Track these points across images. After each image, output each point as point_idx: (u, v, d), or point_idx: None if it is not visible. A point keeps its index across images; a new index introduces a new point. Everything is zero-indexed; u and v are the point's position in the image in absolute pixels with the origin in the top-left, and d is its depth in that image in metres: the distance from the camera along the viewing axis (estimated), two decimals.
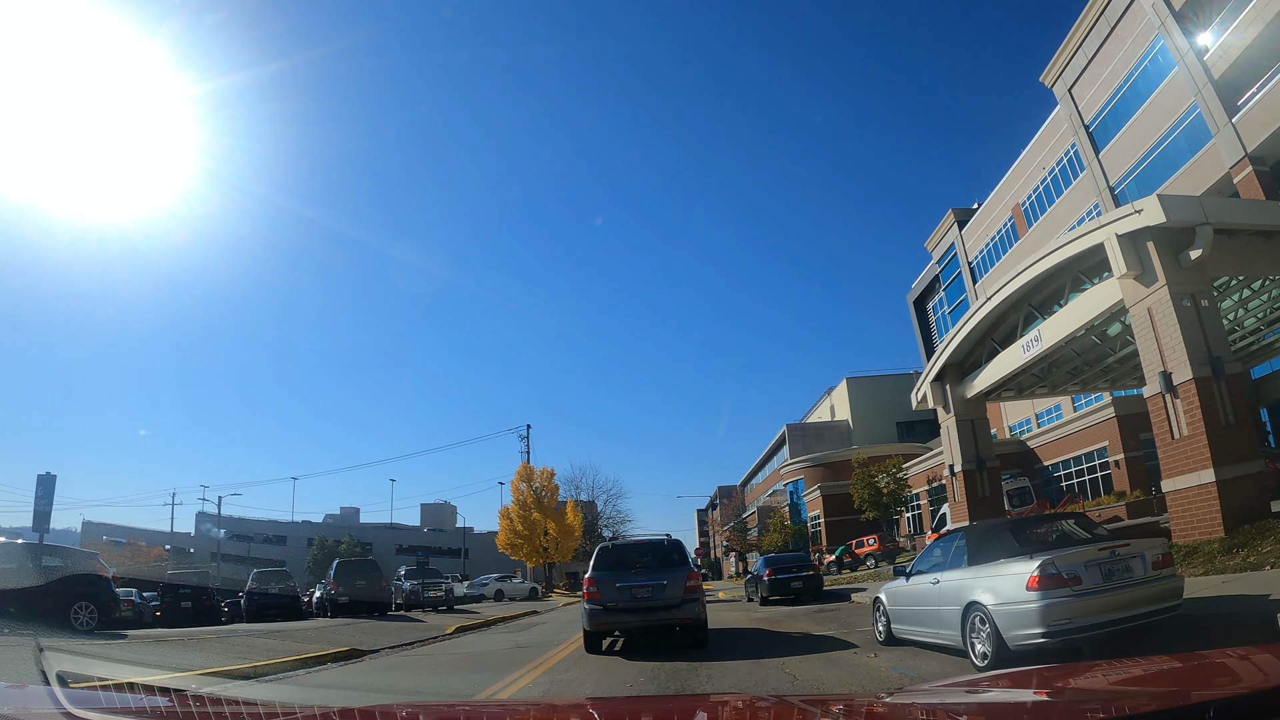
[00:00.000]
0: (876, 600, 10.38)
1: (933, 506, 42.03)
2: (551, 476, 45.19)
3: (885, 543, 34.81)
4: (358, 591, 22.48)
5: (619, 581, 10.66)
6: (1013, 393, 23.99)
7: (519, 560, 45.70)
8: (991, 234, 49.61)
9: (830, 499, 48.59)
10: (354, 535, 68.64)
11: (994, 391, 22.72)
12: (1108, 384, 25.43)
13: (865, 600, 18.11)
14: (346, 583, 22.65)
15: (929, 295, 64.30)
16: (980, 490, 21.61)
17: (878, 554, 34.28)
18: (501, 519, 44.43)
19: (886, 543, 34.90)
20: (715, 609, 22.43)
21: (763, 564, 21.75)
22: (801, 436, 61.76)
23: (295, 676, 9.94)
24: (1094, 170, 38.05)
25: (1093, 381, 24.97)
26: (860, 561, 34.61)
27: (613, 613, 10.56)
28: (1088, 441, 35.02)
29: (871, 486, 39.81)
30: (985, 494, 21.64)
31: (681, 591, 10.60)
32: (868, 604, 16.06)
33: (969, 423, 22.30)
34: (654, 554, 11.46)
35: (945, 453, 22.85)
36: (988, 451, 22.40)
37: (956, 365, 22.89)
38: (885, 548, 34.47)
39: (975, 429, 22.31)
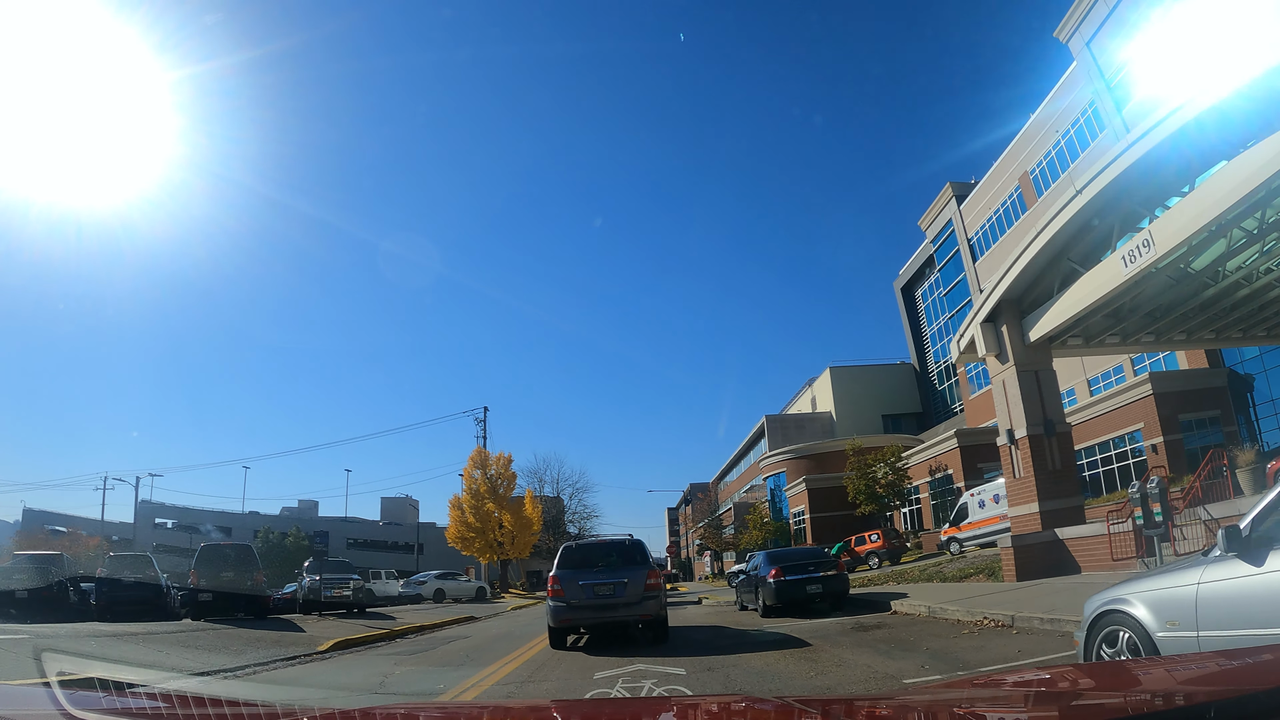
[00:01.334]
0: (1112, 616, 4.48)
1: (934, 500, 36.66)
2: (509, 463, 39.00)
3: (890, 539, 29.26)
4: (224, 585, 16.27)
5: (582, 579, 10.69)
6: (1079, 341, 18.57)
7: (471, 556, 39.28)
8: (995, 207, 44.75)
9: (817, 493, 43.02)
10: (302, 527, 61.55)
11: (1063, 335, 17.32)
12: (1183, 337, 20.19)
13: (916, 610, 12.42)
14: (210, 574, 16.41)
15: (918, 281, 59.45)
16: (1051, 461, 16.05)
17: (881, 552, 28.71)
18: (452, 509, 38.10)
19: (891, 539, 29.37)
20: (698, 618, 16.63)
21: (765, 560, 15.71)
22: (781, 429, 56.28)
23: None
24: (1117, 127, 33.26)
25: (1167, 333, 19.72)
26: (861, 560, 29.00)
27: (575, 609, 10.58)
28: (1120, 424, 29.87)
29: (868, 478, 34.30)
30: (1057, 465, 16.09)
31: (642, 590, 10.60)
32: (923, 616, 12.05)
33: (1032, 375, 16.79)
34: (617, 553, 11.48)
35: (1001, 415, 17.31)
36: (1058, 412, 16.90)
37: (1014, 302, 17.42)
38: (890, 545, 28.91)
39: (1041, 383, 16.79)
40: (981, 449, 34.65)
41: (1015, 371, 16.64)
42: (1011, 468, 16.64)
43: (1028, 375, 16.67)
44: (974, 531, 25.65)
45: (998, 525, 24.56)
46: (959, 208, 48.05)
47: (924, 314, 59.35)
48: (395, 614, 21.64)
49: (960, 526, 26.42)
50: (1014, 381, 16.63)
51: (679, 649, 10.05)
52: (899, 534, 30.99)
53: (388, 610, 23.23)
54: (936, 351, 57.43)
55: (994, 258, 44.71)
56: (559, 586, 10.65)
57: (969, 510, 26.22)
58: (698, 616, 17.10)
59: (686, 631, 12.76)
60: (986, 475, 34.43)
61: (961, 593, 13.57)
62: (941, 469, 35.22)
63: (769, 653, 9.10)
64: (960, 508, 26.93)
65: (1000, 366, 17.20)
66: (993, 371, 17.57)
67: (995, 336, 17.15)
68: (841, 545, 29.47)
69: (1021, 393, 16.43)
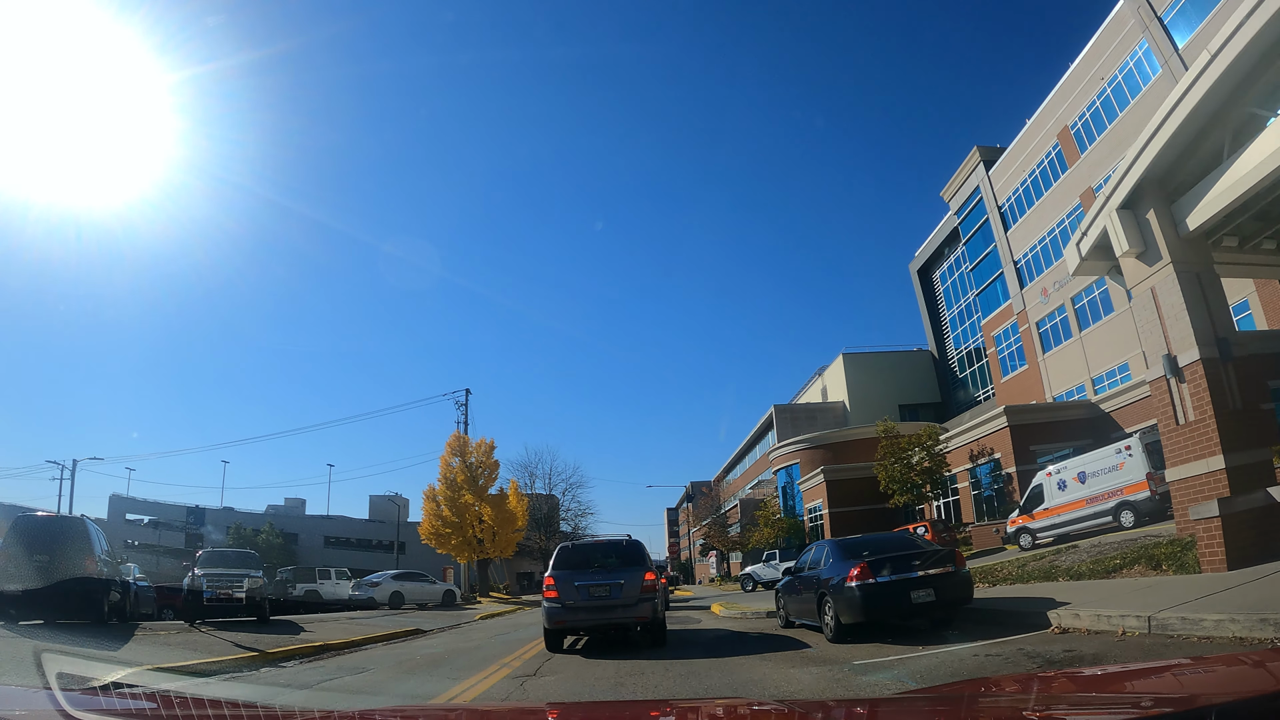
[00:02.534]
0: None
1: (976, 490, 31.22)
2: (491, 450, 33.54)
3: (940, 533, 23.84)
4: (35, 575, 10.92)
5: (578, 580, 10.24)
6: (1234, 243, 13.28)
7: (447, 555, 33.75)
8: (1030, 168, 39.57)
9: (836, 486, 37.58)
10: (278, 524, 56.17)
11: (1222, 229, 12.09)
12: None
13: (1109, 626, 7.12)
14: (17, 559, 11.06)
15: (936, 262, 54.19)
16: (1230, 398, 10.69)
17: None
18: (426, 502, 32.63)
19: (941, 533, 23.94)
20: (727, 646, 10.95)
21: (835, 553, 10.14)
22: (791, 419, 50.90)
23: None
24: (1173, 68, 28.52)
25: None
26: None
27: (571, 611, 10.11)
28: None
29: (903, 463, 28.90)
30: (1238, 405, 10.72)
31: (638, 591, 10.08)
32: (1136, 635, 6.99)
33: (1194, 276, 11.44)
34: (614, 554, 10.98)
35: (1150, 338, 11.97)
36: (1230, 329, 11.54)
37: (1159, 181, 12.07)
38: (941, 539, 23.50)
39: (1205, 289, 11.46)
40: (1036, 429, 29.30)
41: (1173, 272, 11.29)
42: (1174, 410, 11.22)
43: (1189, 277, 11.33)
44: (1051, 520, 20.27)
45: (1083, 512, 19.20)
46: (987, 173, 42.93)
47: (942, 298, 54.05)
48: (316, 623, 16.23)
49: (1033, 514, 21.00)
50: (1171, 287, 11.29)
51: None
52: (949, 527, 25.47)
53: (316, 619, 17.87)
54: (957, 337, 52.10)
55: (1031, 224, 39.55)
56: (555, 587, 10.24)
57: (1045, 494, 20.83)
58: (727, 643, 10.67)
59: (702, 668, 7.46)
60: (1040, 459, 29.11)
61: (1159, 593, 8.21)
62: (986, 453, 29.82)
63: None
64: (1033, 491, 21.50)
65: (1146, 270, 11.86)
66: (1133, 280, 12.22)
67: (1137, 228, 11.82)
68: None
69: (1185, 301, 11.08)
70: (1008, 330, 41.42)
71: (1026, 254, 39.80)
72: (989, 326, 43.13)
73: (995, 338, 42.58)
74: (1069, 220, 37.02)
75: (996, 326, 42.39)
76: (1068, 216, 37.00)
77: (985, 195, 42.96)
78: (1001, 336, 42.05)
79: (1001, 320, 41.82)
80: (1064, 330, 37.19)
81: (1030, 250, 39.51)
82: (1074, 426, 29.80)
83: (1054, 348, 37.80)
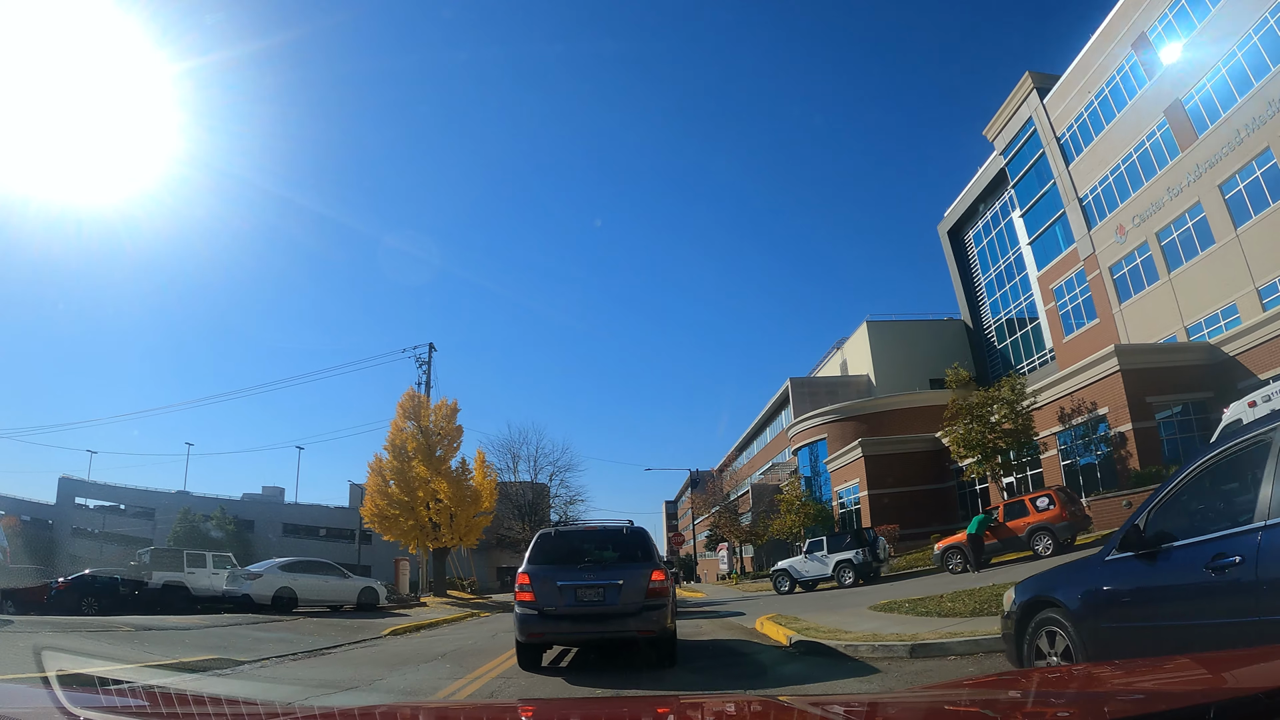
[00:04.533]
0: None
1: (1068, 459, 23.78)
2: (454, 414, 25.99)
3: (1068, 507, 16.29)
4: None
5: (561, 579, 7.52)
6: None
7: (399, 543, 26.00)
8: (1097, 87, 32.50)
9: (877, 462, 30.25)
10: (228, 510, 48.48)
11: None
12: None
13: None
14: None
15: (969, 221, 47.09)
16: None
17: (1058, 526, 15.79)
18: (371, 476, 25.04)
19: (1070, 507, 16.40)
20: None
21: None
22: (810, 394, 43.57)
23: None
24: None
25: None
26: (1014, 543, 16.14)
27: (551, 620, 7.44)
28: None
29: (982, 424, 21.53)
30: None
31: (643, 595, 7.45)
32: None
33: None
34: (610, 545, 8.26)
35: None
36: None
37: None
38: (1070, 515, 16.00)
39: None
40: (1153, 376, 22.02)
41: None
42: None
43: None
44: None
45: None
46: (1042, 101, 35.84)
47: (976, 261, 46.97)
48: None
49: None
50: None
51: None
52: (1073, 499, 17.75)
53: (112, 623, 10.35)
54: (994, 303, 44.99)
55: (1100, 153, 32.37)
56: (530, 587, 7.55)
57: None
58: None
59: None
60: (1159, 414, 21.85)
61: None
62: (1086, 408, 22.44)
63: None
64: (1229, 432, 13.93)
65: None
66: None
67: None
68: (982, 520, 16.72)
69: None
70: (1071, 281, 34.24)
71: (1095, 188, 32.73)
72: (1046, 279, 35.88)
73: (1055, 291, 35.36)
74: (1150, 142, 29.96)
75: (1056, 278, 35.18)
76: (1148, 139, 29.97)
77: (1040, 127, 35.94)
78: (1063, 289, 34.84)
79: (1063, 270, 34.64)
80: (1147, 272, 30.06)
81: (1100, 183, 32.43)
82: (1195, 374, 22.49)
83: (1133, 295, 30.65)
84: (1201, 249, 27.45)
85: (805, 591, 20.96)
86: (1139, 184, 30.58)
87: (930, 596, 11.39)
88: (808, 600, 17.02)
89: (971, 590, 10.80)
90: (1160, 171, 29.41)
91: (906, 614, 10.11)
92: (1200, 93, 27.83)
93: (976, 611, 9.09)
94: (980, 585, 11.79)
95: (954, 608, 9.64)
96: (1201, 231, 27.50)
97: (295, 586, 16.81)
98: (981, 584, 12.48)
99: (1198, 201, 27.47)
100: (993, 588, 10.50)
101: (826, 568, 20.27)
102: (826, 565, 20.25)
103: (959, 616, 9.09)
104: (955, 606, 9.67)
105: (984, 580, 13.75)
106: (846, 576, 19.76)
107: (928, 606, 10.15)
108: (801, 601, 16.85)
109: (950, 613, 9.41)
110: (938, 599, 10.76)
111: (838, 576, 20.04)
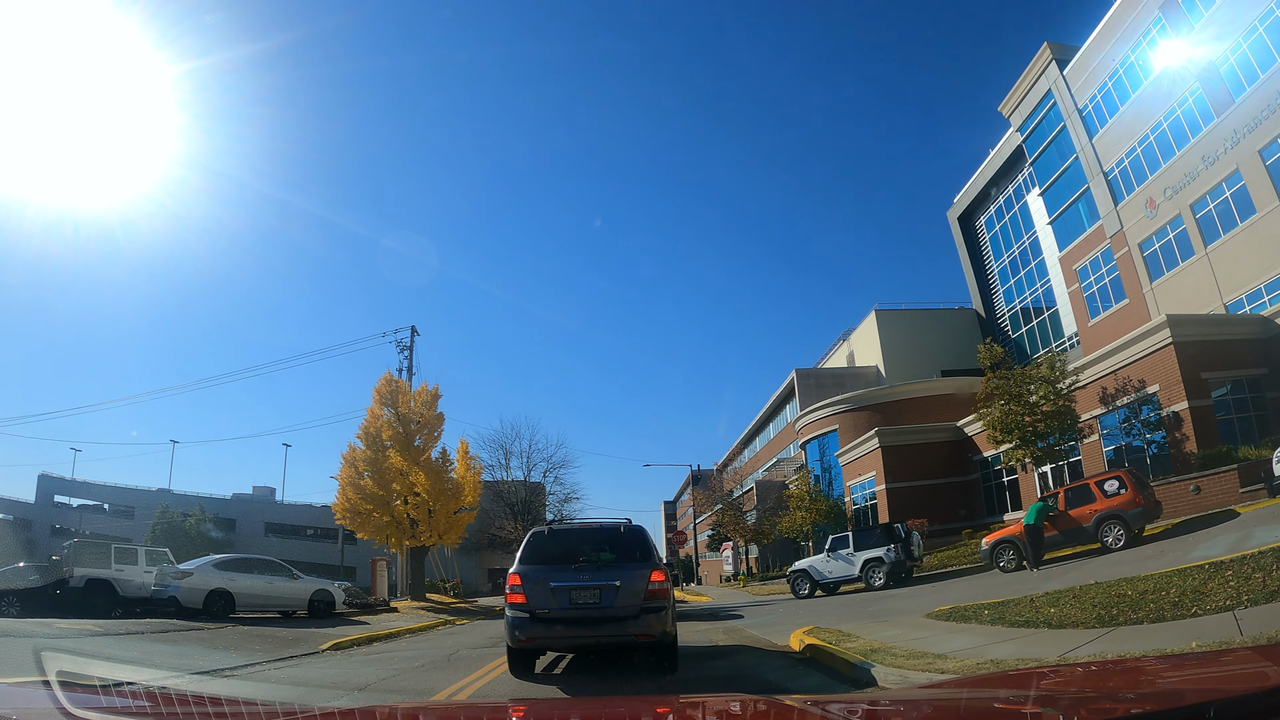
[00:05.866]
0: None
1: (1111, 444, 21.23)
2: (435, 400, 23.41)
3: (1141, 490, 13.69)
4: None
5: (554, 580, 7.07)
6: None
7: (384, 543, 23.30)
8: (1122, 55, 30.12)
9: (896, 454, 27.68)
10: (206, 508, 45.77)
11: None
12: None
13: None
14: None
15: (981, 206, 44.67)
16: None
17: (1130, 513, 13.21)
18: (344, 468, 22.36)
19: (1143, 490, 13.79)
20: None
21: None
22: (816, 386, 41.03)
23: None
24: None
25: None
26: (1089, 533, 13.54)
27: (543, 623, 6.97)
28: None
29: (1022, 405, 19.02)
30: None
31: (641, 598, 7.00)
32: None
33: None
34: (607, 544, 7.60)
35: None
36: None
37: None
38: (1144, 500, 13.40)
39: None
40: (1208, 350, 19.56)
41: None
42: None
43: None
44: None
45: None
46: (1062, 73, 33.43)
47: (989, 247, 44.53)
48: None
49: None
50: None
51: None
52: (1146, 481, 15.10)
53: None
54: (1008, 291, 42.57)
55: (1126, 123, 29.98)
56: (521, 589, 7.09)
57: None
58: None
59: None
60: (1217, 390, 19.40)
61: None
62: (1133, 387, 19.93)
63: None
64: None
65: None
66: None
67: None
68: (1041, 507, 14.14)
69: None
70: (1097, 260, 31.79)
71: (1122, 161, 30.35)
72: (1069, 259, 33.41)
73: (1079, 272, 32.89)
74: (1181, 109, 27.58)
75: (1080, 258, 32.73)
76: (1179, 106, 27.60)
77: (1060, 99, 33.57)
78: (1088, 269, 32.38)
79: (1088, 249, 32.21)
80: (1181, 248, 27.70)
81: (1128, 155, 30.05)
82: (1248, 349, 20.11)
83: (1166, 273, 28.28)
84: (1241, 220, 25.14)
85: (827, 595, 18.38)
86: (1170, 154, 28.23)
87: (1009, 601, 8.84)
88: (838, 606, 14.35)
89: (1065, 591, 8.27)
90: (1193, 140, 27.06)
91: (992, 624, 7.57)
92: (1236, 54, 25.49)
93: (1105, 620, 6.52)
94: (1058, 586, 9.25)
95: (1065, 615, 7.09)
96: (1241, 201, 25.18)
97: (233, 588, 14.20)
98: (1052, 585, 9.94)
99: (1236, 169, 25.15)
100: (1099, 586, 7.93)
101: (853, 567, 17.70)
102: (853, 565, 17.67)
103: (1082, 627, 6.53)
104: (1066, 614, 7.12)
105: (1051, 580, 11.19)
106: (876, 577, 17.23)
107: (1020, 614, 7.61)
108: (831, 608, 14.20)
109: (1063, 622, 6.86)
110: (1028, 603, 8.20)
111: (866, 577, 17.55)
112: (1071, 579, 11.04)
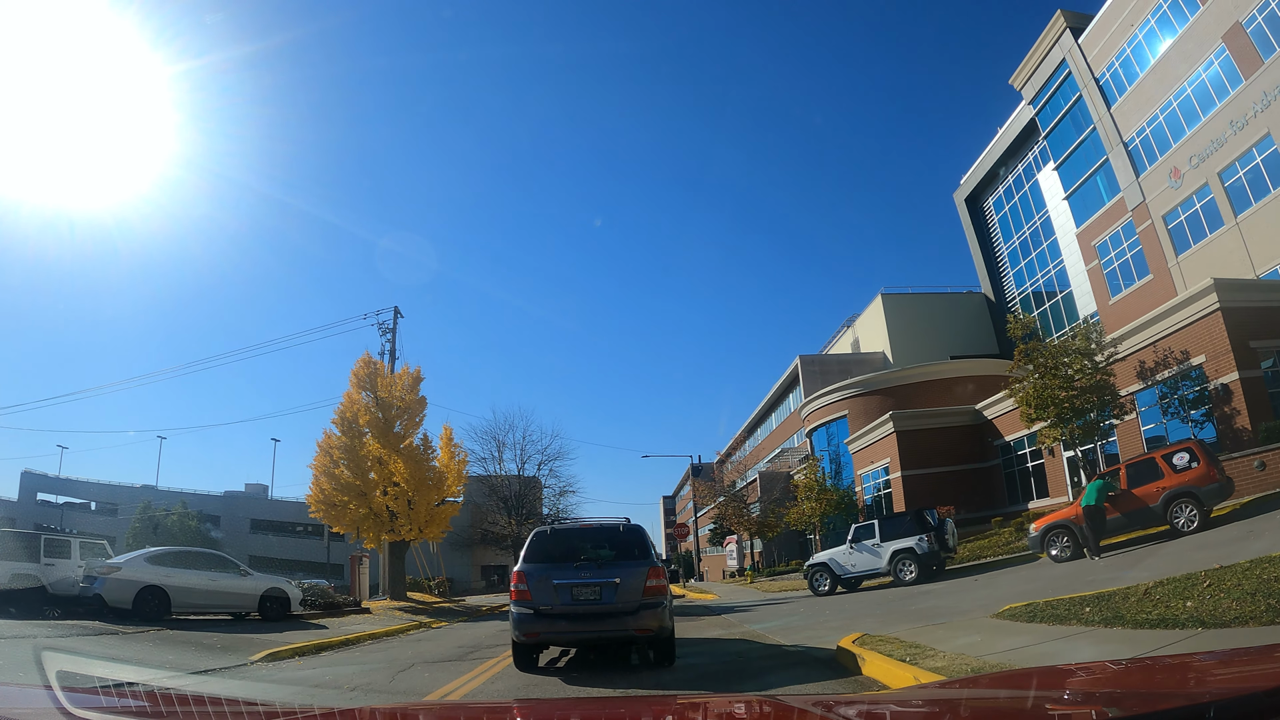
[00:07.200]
0: None
1: (1152, 422, 19.39)
2: (416, 384, 21.49)
3: (1214, 465, 11.78)
4: None
5: (557, 578, 7.37)
6: None
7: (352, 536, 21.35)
8: (1141, 18, 28.40)
9: (911, 438, 25.95)
10: (189, 504, 43.81)
11: None
12: None
13: None
14: None
15: (989, 186, 42.83)
16: None
17: (1203, 490, 11.30)
18: (319, 456, 20.36)
19: (1216, 465, 11.89)
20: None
21: None
22: (821, 373, 39.23)
23: None
24: None
25: None
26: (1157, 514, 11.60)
27: (546, 619, 7.32)
28: None
29: (1060, 379, 17.13)
30: None
31: (640, 594, 7.29)
32: None
33: None
34: (607, 543, 7.98)
35: None
36: None
37: None
38: (1218, 476, 11.46)
39: None
40: (1259, 314, 17.76)
41: None
42: None
43: None
44: None
45: None
46: (1076, 41, 31.60)
47: (997, 229, 42.74)
48: None
49: None
50: None
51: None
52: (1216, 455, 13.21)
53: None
54: (1018, 274, 40.76)
55: (1147, 90, 28.17)
56: (525, 586, 7.43)
57: None
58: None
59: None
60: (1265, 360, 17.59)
61: None
62: (1175, 359, 18.07)
63: None
64: None
65: None
66: None
67: None
68: (1102, 485, 12.26)
69: None
70: (1118, 235, 30.00)
71: (1144, 129, 28.57)
72: (1087, 235, 31.61)
73: (1098, 248, 31.10)
74: (1207, 73, 25.77)
75: (1099, 233, 30.93)
76: (1204, 69, 25.81)
77: (1075, 68, 31.77)
78: (1108, 244, 30.59)
79: (1107, 223, 30.41)
80: (1209, 218, 25.95)
81: (1150, 123, 28.28)
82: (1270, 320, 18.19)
83: (1193, 245, 26.54)
84: (1275, 186, 23.48)
85: (849, 592, 16.48)
86: (1195, 120, 26.47)
87: (1108, 594, 6.90)
88: (872, 605, 12.31)
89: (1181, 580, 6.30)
90: (1220, 104, 25.29)
91: (1106, 624, 5.67)
92: (1264, 11, 23.73)
93: (1278, 611, 4.58)
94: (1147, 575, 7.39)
95: (1214, 610, 5.10)
96: (1273, 167, 23.49)
97: (169, 585, 12.32)
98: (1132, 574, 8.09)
99: (1267, 134, 23.41)
100: (1220, 571, 6.03)
101: (880, 560, 15.86)
102: (880, 556, 15.83)
103: (1254, 624, 4.57)
104: (1216, 608, 5.13)
105: (1128, 569, 9.31)
106: (907, 571, 15.41)
107: (1144, 609, 5.66)
108: (863, 607, 12.19)
109: (1217, 619, 4.91)
110: (1140, 596, 6.24)
111: (895, 571, 15.76)
112: (1152, 567, 9.19)
